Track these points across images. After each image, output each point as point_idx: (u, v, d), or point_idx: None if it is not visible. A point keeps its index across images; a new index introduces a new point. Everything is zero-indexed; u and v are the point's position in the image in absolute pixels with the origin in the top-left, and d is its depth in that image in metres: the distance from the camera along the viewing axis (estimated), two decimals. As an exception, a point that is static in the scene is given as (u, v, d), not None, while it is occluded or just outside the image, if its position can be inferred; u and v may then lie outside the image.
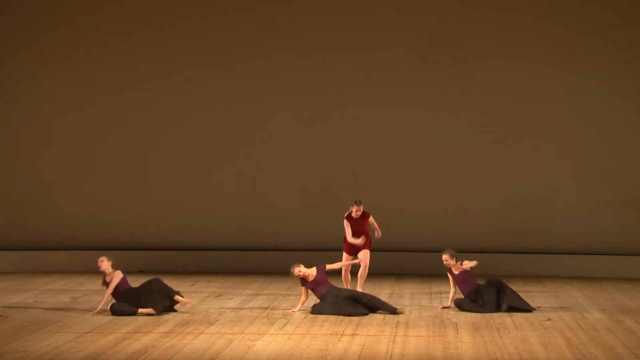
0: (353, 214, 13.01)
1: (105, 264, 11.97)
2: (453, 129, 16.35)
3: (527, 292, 14.00)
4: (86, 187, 16.54)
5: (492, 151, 16.33)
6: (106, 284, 11.95)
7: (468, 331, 10.79)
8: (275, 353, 9.57)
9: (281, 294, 13.61)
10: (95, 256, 16.01)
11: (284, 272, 15.69)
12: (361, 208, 13.02)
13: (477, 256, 16.25)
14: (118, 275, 11.91)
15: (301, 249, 16.23)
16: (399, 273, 15.80)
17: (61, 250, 16.28)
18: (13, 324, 11.14)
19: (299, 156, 16.49)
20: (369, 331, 10.75)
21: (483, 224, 16.23)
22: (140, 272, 16.11)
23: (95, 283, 14.18)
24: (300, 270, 12.07)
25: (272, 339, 10.26)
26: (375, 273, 14.29)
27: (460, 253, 16.27)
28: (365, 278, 12.96)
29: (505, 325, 11.17)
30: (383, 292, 13.71)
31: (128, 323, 11.21)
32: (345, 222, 13.04)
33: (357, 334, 10.55)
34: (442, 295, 13.61)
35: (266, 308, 12.35)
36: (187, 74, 16.47)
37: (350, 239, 12.96)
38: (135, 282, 14.90)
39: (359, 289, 12.75)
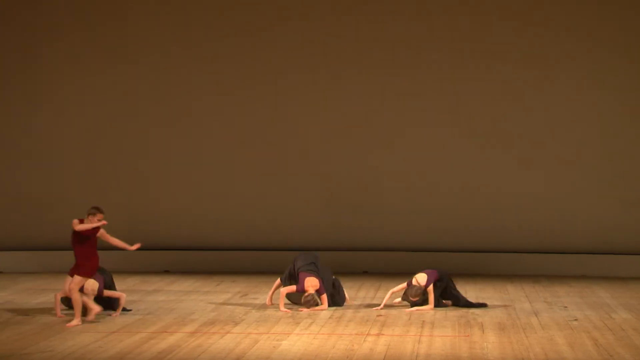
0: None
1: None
2: (474, 128, 16.24)
3: (553, 292, 13.94)
4: (111, 188, 16.58)
5: (515, 151, 16.23)
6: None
7: (494, 331, 10.75)
8: (300, 353, 9.58)
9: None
10: (120, 255, 16.13)
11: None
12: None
13: (502, 256, 16.25)
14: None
15: (327, 249, 16.21)
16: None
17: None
18: (40, 323, 11.21)
19: (323, 155, 16.45)
20: (394, 331, 10.74)
21: (507, 224, 16.14)
22: (166, 272, 16.18)
23: (122, 283, 14.26)
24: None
25: (297, 339, 10.27)
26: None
27: (485, 253, 16.28)
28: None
29: (531, 326, 11.13)
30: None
31: (154, 323, 11.26)
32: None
33: (382, 334, 10.54)
34: (468, 296, 13.54)
35: (291, 308, 12.35)
36: (203, 70, 16.45)
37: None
38: (161, 281, 14.98)
39: None
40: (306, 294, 12.10)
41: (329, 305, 12.21)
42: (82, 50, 16.55)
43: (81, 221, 11.33)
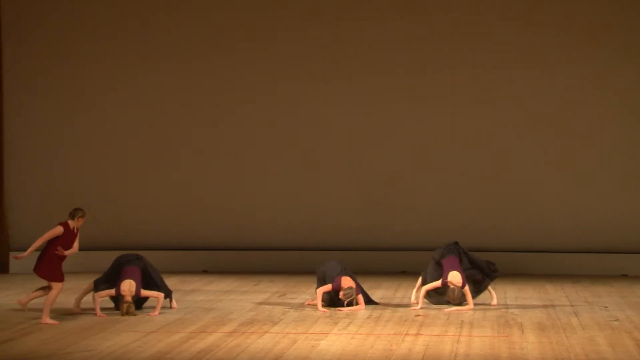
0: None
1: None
2: (511, 127, 16.14)
3: (594, 292, 13.82)
4: (151, 189, 16.67)
5: (553, 150, 16.09)
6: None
7: (533, 331, 10.68)
8: (339, 353, 9.57)
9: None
10: (159, 255, 16.24)
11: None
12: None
13: (541, 256, 16.12)
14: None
15: (364, 249, 16.21)
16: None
17: (127, 250, 16.41)
18: (81, 323, 11.30)
19: (360, 155, 16.43)
20: (432, 331, 10.70)
21: (548, 224, 16.03)
22: (204, 272, 16.25)
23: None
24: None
25: (335, 339, 10.27)
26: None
27: (524, 253, 16.15)
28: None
29: (571, 326, 11.04)
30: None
31: (193, 322, 11.31)
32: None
33: (421, 334, 10.51)
34: (507, 296, 13.50)
35: (329, 308, 12.34)
36: (246, 70, 16.47)
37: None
38: (199, 281, 15.04)
39: None
40: (345, 287, 12.08)
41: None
42: (123, 54, 16.62)
43: (65, 223, 11.66)
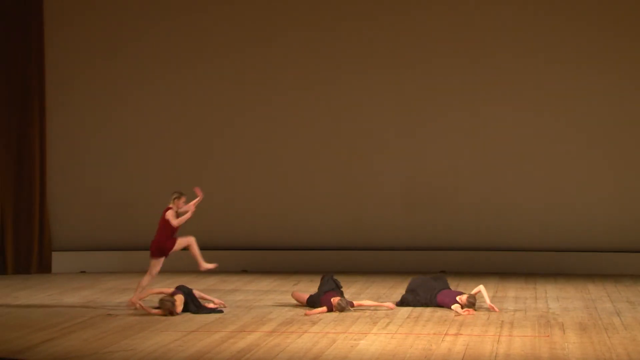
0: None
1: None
2: (550, 127, 16.00)
3: (636, 292, 13.68)
4: (190, 187, 16.73)
5: (595, 150, 15.95)
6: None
7: (575, 331, 10.60)
8: (378, 352, 9.57)
9: (383, 294, 13.61)
10: (201, 255, 16.28)
11: (386, 272, 15.75)
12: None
13: (583, 255, 15.98)
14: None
15: (404, 248, 16.18)
16: (503, 272, 15.60)
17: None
18: (121, 322, 11.39)
19: (401, 154, 16.39)
20: (472, 331, 10.66)
21: (588, 222, 15.88)
22: (244, 271, 16.31)
23: (202, 283, 14.43)
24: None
25: (375, 338, 10.27)
26: (480, 273, 14.18)
27: (565, 252, 16.03)
28: None
29: (613, 326, 10.94)
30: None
31: (233, 322, 11.36)
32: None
33: (460, 334, 10.47)
34: (548, 296, 13.40)
35: (368, 307, 12.34)
36: (282, 71, 16.46)
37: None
38: (239, 281, 15.10)
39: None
40: (338, 300, 11.99)
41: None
42: (161, 48, 16.67)
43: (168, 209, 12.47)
